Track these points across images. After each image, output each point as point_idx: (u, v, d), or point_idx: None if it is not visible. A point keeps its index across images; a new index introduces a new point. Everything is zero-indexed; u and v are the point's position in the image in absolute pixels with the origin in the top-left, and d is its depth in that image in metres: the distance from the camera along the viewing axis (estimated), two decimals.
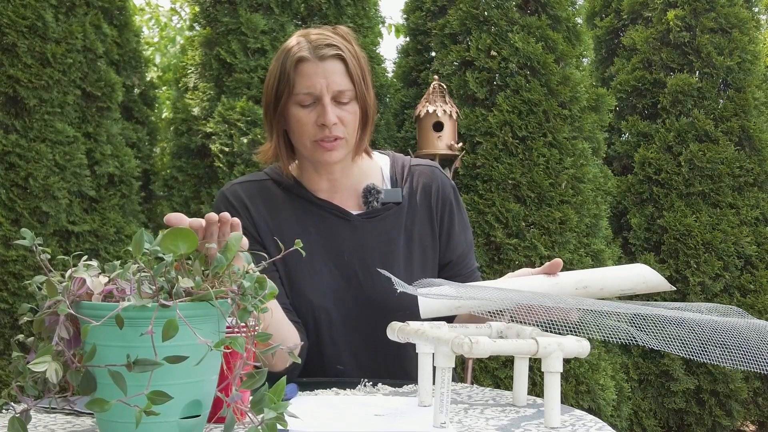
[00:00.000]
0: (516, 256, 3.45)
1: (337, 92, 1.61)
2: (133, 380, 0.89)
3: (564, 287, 1.40)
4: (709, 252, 4.12)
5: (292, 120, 1.63)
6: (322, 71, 1.61)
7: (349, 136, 1.63)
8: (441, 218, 1.73)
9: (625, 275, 1.41)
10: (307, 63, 1.62)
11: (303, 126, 1.62)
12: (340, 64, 1.63)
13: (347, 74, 1.63)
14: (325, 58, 1.62)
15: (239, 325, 0.99)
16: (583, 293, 1.39)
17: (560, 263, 1.43)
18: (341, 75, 1.63)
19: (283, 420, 0.93)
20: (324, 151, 1.62)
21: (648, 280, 1.40)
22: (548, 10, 3.70)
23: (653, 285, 1.40)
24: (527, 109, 3.55)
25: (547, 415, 1.11)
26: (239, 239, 1.01)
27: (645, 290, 1.41)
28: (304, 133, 1.62)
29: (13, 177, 3.04)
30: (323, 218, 1.67)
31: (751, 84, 4.32)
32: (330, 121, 1.59)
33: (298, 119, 1.62)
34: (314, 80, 1.61)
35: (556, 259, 1.43)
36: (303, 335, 1.59)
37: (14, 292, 3.00)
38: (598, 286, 1.39)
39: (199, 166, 3.50)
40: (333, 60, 1.63)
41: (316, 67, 1.62)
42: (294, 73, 1.62)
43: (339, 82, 1.62)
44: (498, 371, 3.41)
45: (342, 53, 1.63)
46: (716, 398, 4.12)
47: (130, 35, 3.63)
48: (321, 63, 1.62)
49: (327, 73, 1.61)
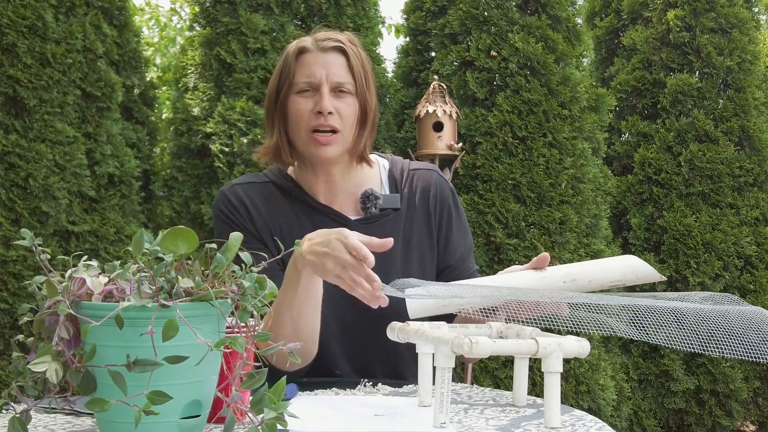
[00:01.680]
0: (516, 256, 3.45)
1: (336, 83, 1.62)
2: (133, 380, 0.89)
3: (552, 281, 1.40)
4: (709, 252, 4.12)
5: (291, 110, 1.64)
6: (322, 61, 1.62)
7: (345, 131, 1.63)
8: (439, 223, 1.73)
9: (613, 266, 1.40)
10: (309, 53, 1.63)
11: (300, 114, 1.62)
12: (341, 57, 1.64)
13: (348, 68, 1.64)
14: (326, 50, 1.63)
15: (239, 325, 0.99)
16: (571, 286, 1.38)
17: (547, 257, 1.43)
18: (342, 67, 1.63)
19: (283, 420, 0.93)
20: (319, 146, 1.62)
21: (637, 270, 1.39)
22: (548, 10, 3.70)
23: (642, 275, 1.40)
24: (527, 109, 3.55)
25: (547, 415, 1.11)
26: (239, 239, 1.02)
27: (634, 281, 1.40)
28: (301, 122, 1.62)
29: (13, 177, 3.04)
30: (321, 222, 1.67)
31: (751, 84, 4.32)
32: (326, 108, 1.59)
33: (297, 107, 1.62)
34: (314, 69, 1.62)
35: (543, 254, 1.43)
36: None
37: (14, 292, 3.00)
38: (586, 279, 1.39)
39: (199, 166, 3.50)
40: (334, 52, 1.64)
41: (316, 57, 1.63)
42: (295, 64, 1.63)
43: (339, 74, 1.62)
44: (498, 371, 3.41)
45: (344, 47, 1.64)
46: (716, 398, 4.12)
47: (130, 35, 3.63)
48: (322, 54, 1.63)
49: (327, 64, 1.62)
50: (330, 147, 1.62)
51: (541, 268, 1.43)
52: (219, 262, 0.97)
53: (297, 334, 1.49)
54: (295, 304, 1.48)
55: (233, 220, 1.66)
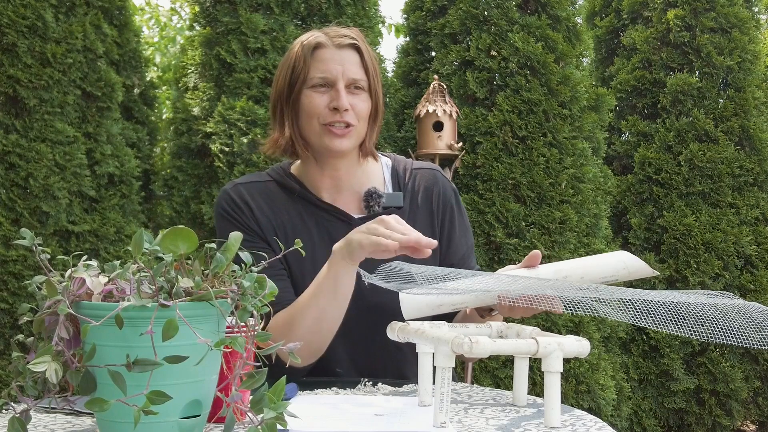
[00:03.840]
0: (516, 255, 3.45)
1: (351, 80, 1.63)
2: (132, 380, 0.89)
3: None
4: (709, 252, 4.11)
5: (305, 104, 1.64)
6: (339, 58, 1.63)
7: (360, 126, 1.64)
8: (442, 222, 1.73)
9: (604, 262, 1.40)
10: (324, 49, 1.64)
11: (315, 108, 1.62)
12: (356, 54, 1.65)
13: (362, 65, 1.65)
14: (342, 46, 1.64)
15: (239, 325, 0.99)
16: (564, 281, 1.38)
17: (539, 255, 1.43)
18: (357, 65, 1.64)
19: (283, 420, 0.93)
20: (334, 137, 1.62)
21: (628, 266, 1.39)
22: (548, 10, 3.70)
23: (634, 270, 1.39)
24: (527, 109, 3.55)
25: (547, 415, 1.11)
26: (239, 239, 1.02)
27: (627, 276, 1.39)
28: (315, 117, 1.63)
29: (13, 177, 3.04)
30: (325, 221, 1.67)
31: (751, 84, 4.32)
32: (343, 105, 1.60)
33: (311, 101, 1.63)
34: (330, 65, 1.62)
35: (535, 251, 1.43)
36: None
37: (14, 292, 3.00)
38: (578, 275, 1.38)
39: (199, 166, 3.50)
40: (349, 49, 1.65)
41: (333, 53, 1.63)
42: (310, 59, 1.63)
43: (354, 71, 1.63)
44: (498, 371, 3.41)
45: (358, 44, 1.65)
46: (716, 398, 4.12)
47: (130, 35, 3.63)
48: (338, 50, 1.63)
49: (344, 61, 1.63)
50: (345, 139, 1.63)
51: (533, 266, 1.43)
52: (219, 261, 0.97)
53: (319, 327, 1.52)
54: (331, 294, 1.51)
55: (237, 219, 1.66)
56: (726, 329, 1.15)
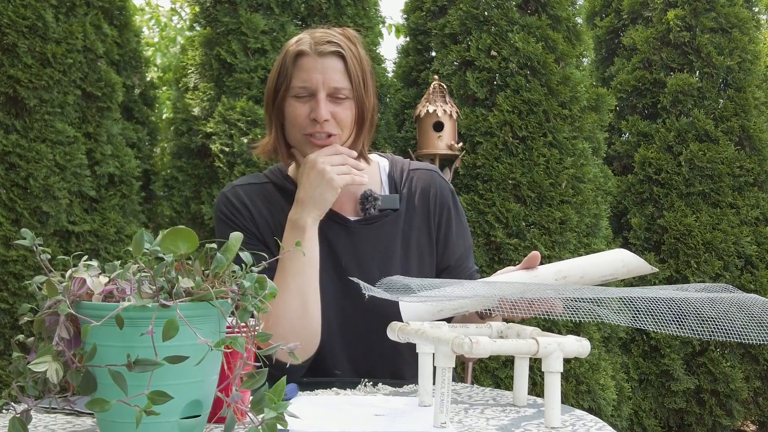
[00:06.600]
0: (516, 256, 3.45)
1: (333, 89, 1.61)
2: (133, 380, 0.89)
3: (543, 280, 1.40)
4: (709, 252, 4.12)
5: (288, 113, 1.64)
6: (320, 66, 1.61)
7: (343, 134, 1.63)
8: (438, 223, 1.73)
9: (603, 261, 1.40)
10: (306, 57, 1.62)
11: (296, 118, 1.62)
12: (339, 61, 1.63)
13: (345, 73, 1.63)
14: (324, 54, 1.62)
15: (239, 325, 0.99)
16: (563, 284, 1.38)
17: (538, 256, 1.43)
18: (339, 72, 1.62)
19: (283, 420, 0.93)
20: (314, 147, 1.62)
21: (627, 264, 1.38)
22: (548, 10, 3.70)
23: (633, 268, 1.39)
24: (527, 109, 3.55)
25: (547, 415, 1.11)
26: (239, 239, 1.02)
27: (626, 274, 1.39)
28: (296, 126, 1.63)
29: (13, 177, 3.04)
30: (321, 223, 1.67)
31: (751, 84, 4.32)
32: (321, 117, 1.59)
33: (293, 111, 1.63)
34: (311, 74, 1.61)
35: (534, 252, 1.43)
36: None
37: (14, 292, 3.00)
38: (577, 275, 1.38)
39: (199, 166, 3.50)
40: (332, 57, 1.63)
41: (314, 62, 1.62)
42: (293, 67, 1.62)
43: (336, 79, 1.61)
44: (498, 371, 3.41)
45: (342, 51, 1.63)
46: (716, 398, 4.12)
47: (131, 35, 3.63)
48: (319, 58, 1.62)
49: (325, 69, 1.61)
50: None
51: (532, 267, 1.43)
52: (219, 262, 0.97)
53: (305, 309, 1.52)
54: (300, 270, 1.54)
55: (235, 221, 1.66)
56: (727, 328, 1.15)
